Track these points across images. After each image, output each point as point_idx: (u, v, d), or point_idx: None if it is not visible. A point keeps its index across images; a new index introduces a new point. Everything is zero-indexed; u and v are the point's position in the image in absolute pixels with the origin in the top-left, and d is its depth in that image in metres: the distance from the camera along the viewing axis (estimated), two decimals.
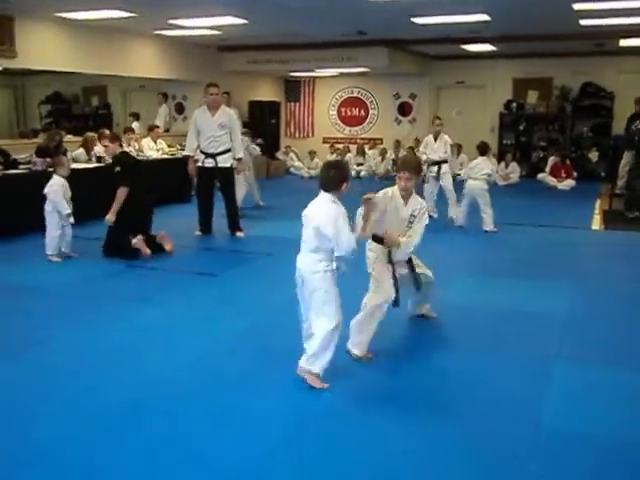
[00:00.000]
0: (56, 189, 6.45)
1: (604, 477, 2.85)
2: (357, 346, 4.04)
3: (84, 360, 4.07)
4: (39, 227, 6.56)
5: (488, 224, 8.25)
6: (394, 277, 4.12)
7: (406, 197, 4.17)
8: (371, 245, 4.19)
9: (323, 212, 3.52)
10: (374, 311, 4.03)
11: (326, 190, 3.56)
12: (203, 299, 5.39)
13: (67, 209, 6.45)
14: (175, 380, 3.77)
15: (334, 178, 3.54)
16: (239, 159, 7.83)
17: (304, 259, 3.62)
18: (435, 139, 9.09)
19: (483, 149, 8.65)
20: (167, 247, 6.83)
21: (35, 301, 5.29)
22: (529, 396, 3.59)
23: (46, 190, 6.46)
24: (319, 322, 3.56)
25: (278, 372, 3.85)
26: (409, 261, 4.30)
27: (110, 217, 6.63)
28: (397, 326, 4.50)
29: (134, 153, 10.20)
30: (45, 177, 6.70)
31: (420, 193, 5.02)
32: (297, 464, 2.91)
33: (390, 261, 4.14)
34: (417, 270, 4.36)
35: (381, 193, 4.13)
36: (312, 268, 3.56)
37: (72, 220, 6.53)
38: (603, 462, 2.95)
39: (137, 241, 6.61)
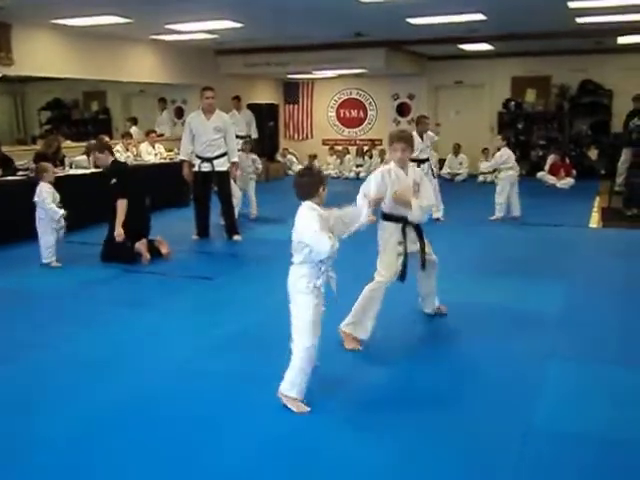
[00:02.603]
0: (45, 196, 6.45)
1: (596, 477, 2.85)
2: (361, 330, 4.18)
3: (79, 363, 4.11)
4: (35, 234, 6.57)
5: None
6: (405, 254, 4.25)
7: (404, 167, 4.32)
8: (383, 224, 4.31)
9: (301, 221, 3.38)
10: (371, 294, 4.20)
11: (304, 199, 3.43)
12: (199, 303, 5.41)
13: (58, 213, 6.45)
14: (166, 383, 3.79)
15: (308, 184, 3.44)
16: (234, 163, 7.85)
17: (291, 273, 3.47)
18: (420, 137, 8.64)
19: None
20: (163, 251, 6.83)
21: (32, 306, 5.34)
22: (522, 395, 3.59)
23: (36, 198, 6.47)
24: (296, 340, 3.41)
25: (270, 375, 3.86)
26: (421, 237, 4.38)
27: (119, 232, 6.59)
28: (390, 324, 4.50)
29: (131, 158, 10.26)
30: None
31: None
32: (285, 467, 2.92)
33: (403, 240, 4.25)
34: (426, 250, 4.45)
35: (378, 172, 4.25)
36: (294, 283, 3.43)
37: (64, 222, 6.52)
38: (595, 462, 2.94)
39: (140, 245, 6.64)
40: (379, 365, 4.08)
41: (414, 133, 8.76)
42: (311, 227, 3.30)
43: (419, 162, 8.47)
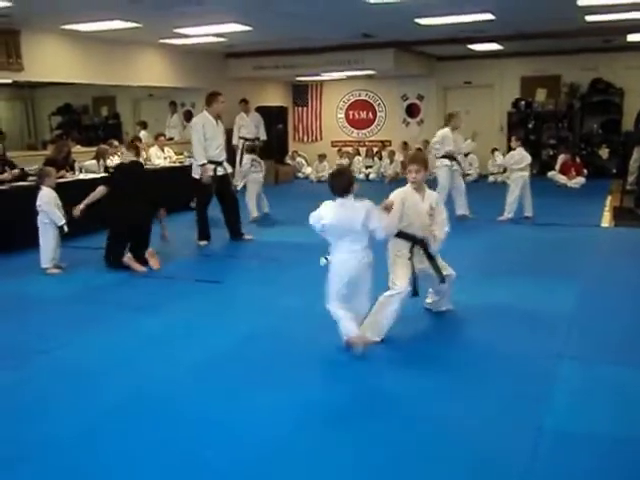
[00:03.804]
0: (47, 201, 6.46)
1: (608, 476, 2.82)
2: (370, 330, 4.29)
3: (86, 368, 4.11)
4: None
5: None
6: (412, 271, 4.39)
7: (419, 191, 4.49)
8: (392, 241, 4.46)
9: (360, 210, 3.98)
10: (386, 301, 4.31)
11: (343, 195, 4.01)
12: (207, 306, 5.40)
13: (62, 220, 6.46)
14: (178, 385, 3.80)
15: (345, 183, 4.02)
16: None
17: (352, 256, 4.04)
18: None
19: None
20: (153, 265, 6.56)
21: (39, 311, 5.36)
22: (533, 395, 3.57)
23: (38, 202, 6.48)
24: (367, 302, 4.18)
25: (280, 376, 3.87)
26: (430, 257, 4.52)
27: (77, 210, 6.53)
28: (400, 321, 4.48)
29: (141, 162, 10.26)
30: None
31: None
32: (297, 467, 2.91)
33: (411, 257, 4.40)
34: (442, 271, 4.60)
35: (394, 194, 4.45)
36: (365, 261, 4.07)
37: (66, 229, 6.52)
38: (607, 461, 2.92)
39: (126, 260, 6.50)
40: (387, 366, 4.07)
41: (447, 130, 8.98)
42: (375, 213, 4.02)
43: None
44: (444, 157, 9.07)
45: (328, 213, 4.02)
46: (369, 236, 4.05)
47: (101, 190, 6.67)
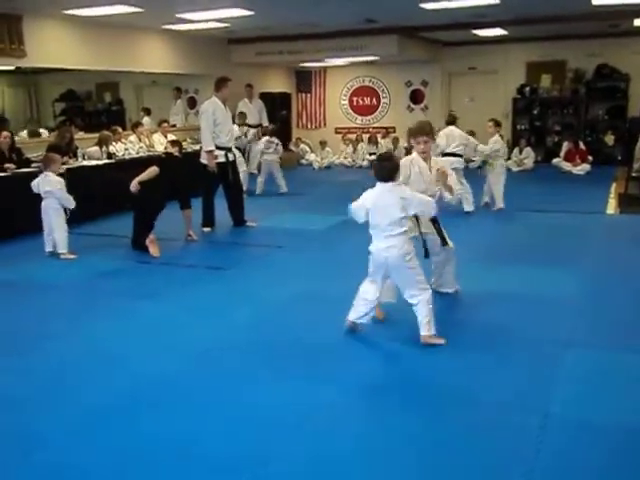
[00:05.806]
0: (59, 186, 6.46)
1: (615, 466, 2.80)
2: (385, 294, 4.33)
3: (94, 354, 4.12)
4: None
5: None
6: (420, 233, 4.44)
7: (426, 159, 4.57)
8: None
9: (397, 198, 3.91)
10: None
11: (386, 181, 3.94)
12: (212, 293, 5.39)
13: (73, 203, 6.48)
14: (181, 373, 3.79)
15: (387, 169, 3.94)
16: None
17: (393, 245, 3.94)
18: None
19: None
20: (152, 252, 6.59)
21: (45, 297, 5.36)
22: (539, 382, 3.56)
23: (48, 188, 6.45)
24: (418, 295, 3.99)
25: (285, 364, 3.86)
26: (435, 222, 4.55)
27: (134, 185, 6.59)
28: (405, 310, 4.46)
29: (144, 148, 10.26)
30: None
31: None
32: (304, 454, 2.91)
33: (417, 222, 4.41)
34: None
35: (405, 160, 4.53)
36: (403, 249, 3.95)
37: (68, 212, 6.56)
38: (614, 450, 2.90)
39: (148, 241, 6.59)
40: (391, 351, 4.07)
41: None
42: (416, 196, 3.97)
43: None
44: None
45: (370, 198, 4.00)
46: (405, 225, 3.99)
47: (155, 170, 6.69)
